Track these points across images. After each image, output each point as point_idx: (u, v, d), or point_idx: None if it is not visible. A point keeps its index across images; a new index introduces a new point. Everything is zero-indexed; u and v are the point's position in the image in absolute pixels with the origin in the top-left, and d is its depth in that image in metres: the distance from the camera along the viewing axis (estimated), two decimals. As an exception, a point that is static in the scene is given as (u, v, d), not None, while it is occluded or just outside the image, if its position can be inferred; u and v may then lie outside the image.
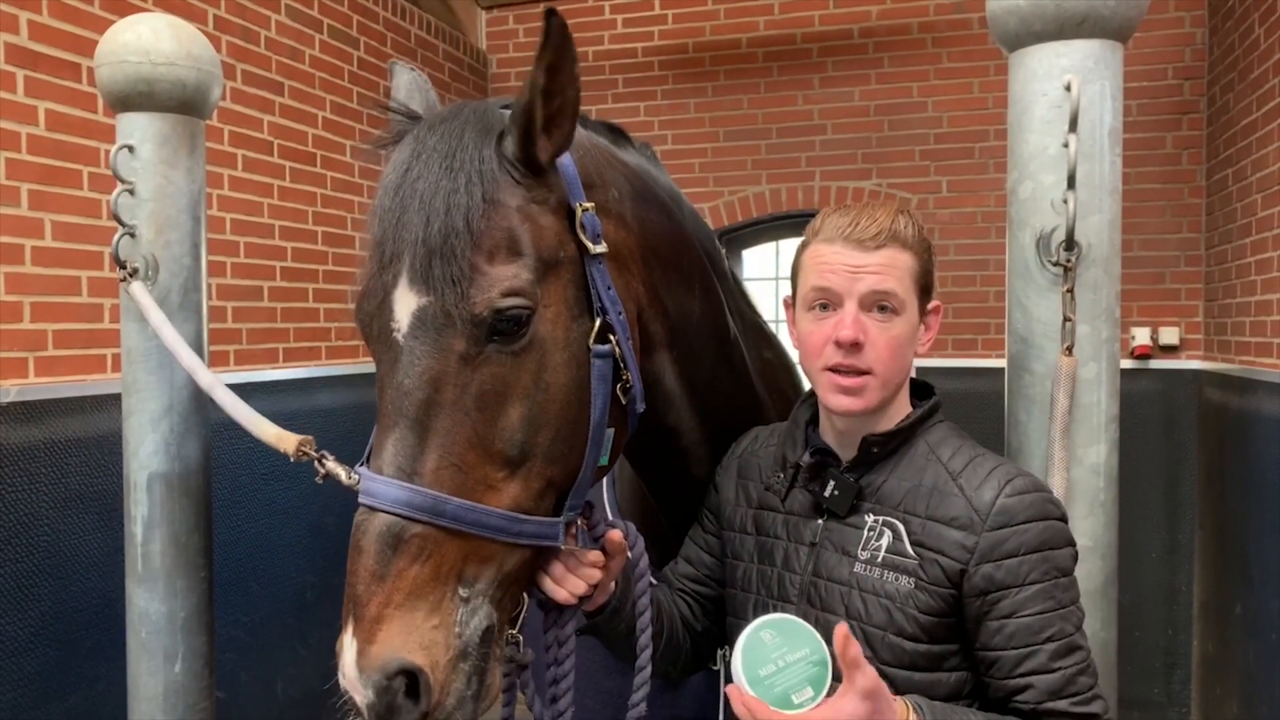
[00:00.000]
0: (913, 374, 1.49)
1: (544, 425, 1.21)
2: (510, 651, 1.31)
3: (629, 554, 1.38)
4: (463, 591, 1.16)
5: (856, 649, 1.11)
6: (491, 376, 1.17)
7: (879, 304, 1.36)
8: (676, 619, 1.59)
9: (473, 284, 1.15)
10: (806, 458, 1.47)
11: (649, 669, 1.41)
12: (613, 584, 1.39)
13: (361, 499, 1.14)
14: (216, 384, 1.77)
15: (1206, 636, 4.19)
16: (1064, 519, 1.34)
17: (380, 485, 1.12)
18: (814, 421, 1.52)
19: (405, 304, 1.17)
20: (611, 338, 1.28)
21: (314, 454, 1.40)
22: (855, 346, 1.35)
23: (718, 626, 1.63)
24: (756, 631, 1.18)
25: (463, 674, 1.15)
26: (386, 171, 1.25)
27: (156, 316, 1.84)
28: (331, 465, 1.34)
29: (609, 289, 1.30)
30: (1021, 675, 1.27)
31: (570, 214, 1.27)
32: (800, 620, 1.23)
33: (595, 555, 1.32)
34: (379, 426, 1.19)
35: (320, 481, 1.36)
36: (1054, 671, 1.26)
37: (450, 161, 1.19)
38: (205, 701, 2.04)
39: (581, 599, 1.34)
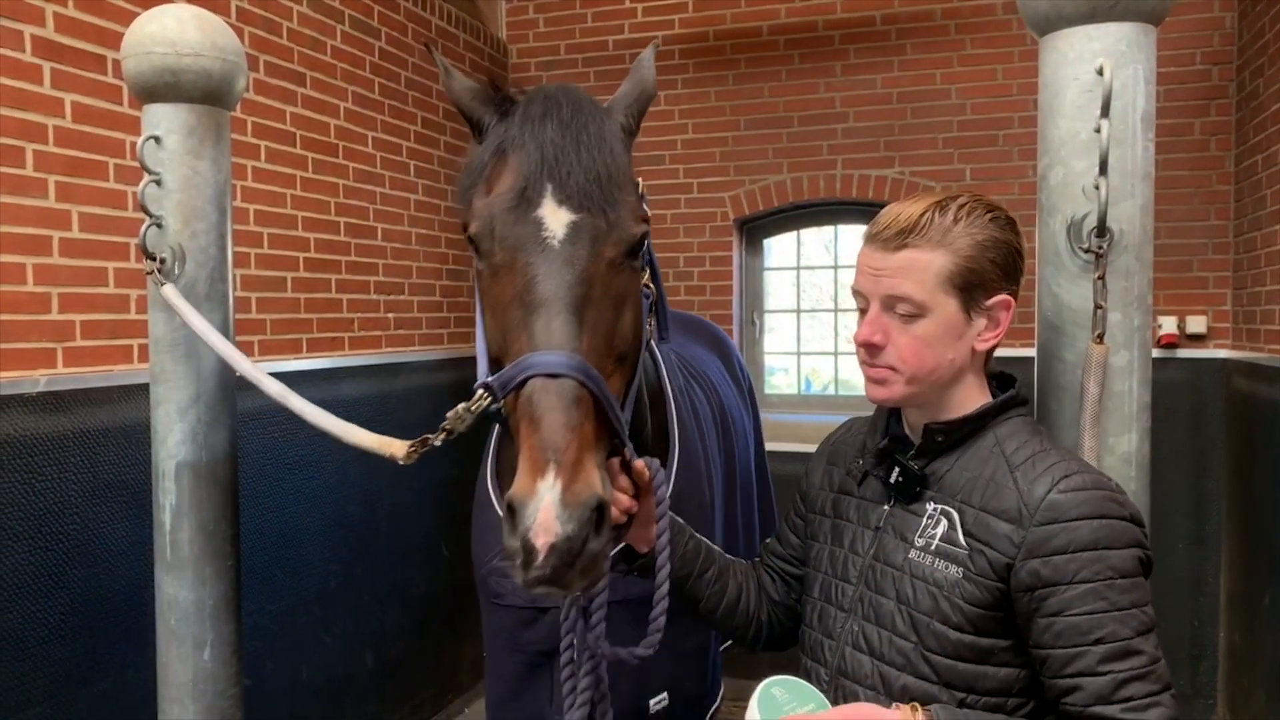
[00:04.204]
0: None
1: (635, 334, 1.46)
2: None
3: (655, 493, 1.48)
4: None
5: None
6: (623, 283, 1.41)
7: (896, 307, 1.39)
8: (750, 584, 1.70)
9: (624, 207, 1.41)
10: (882, 444, 1.51)
11: (665, 602, 1.46)
12: (656, 534, 1.46)
13: (537, 370, 1.26)
14: (288, 393, 1.71)
15: (1234, 628, 4.15)
16: (1130, 519, 1.30)
17: (553, 356, 1.27)
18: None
19: (559, 218, 1.36)
20: (650, 286, 1.64)
21: (422, 449, 1.48)
22: (872, 348, 1.41)
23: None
24: (768, 688, 1.34)
25: (609, 516, 1.29)
26: (524, 117, 1.42)
27: (200, 323, 1.83)
28: (439, 439, 1.44)
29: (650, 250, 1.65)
30: (1069, 676, 1.25)
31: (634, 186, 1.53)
32: (804, 682, 1.39)
33: (625, 482, 1.45)
34: (533, 315, 1.31)
35: (439, 444, 1.45)
36: (1102, 675, 1.23)
37: (594, 116, 1.44)
38: (233, 689, 2.06)
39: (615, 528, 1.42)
